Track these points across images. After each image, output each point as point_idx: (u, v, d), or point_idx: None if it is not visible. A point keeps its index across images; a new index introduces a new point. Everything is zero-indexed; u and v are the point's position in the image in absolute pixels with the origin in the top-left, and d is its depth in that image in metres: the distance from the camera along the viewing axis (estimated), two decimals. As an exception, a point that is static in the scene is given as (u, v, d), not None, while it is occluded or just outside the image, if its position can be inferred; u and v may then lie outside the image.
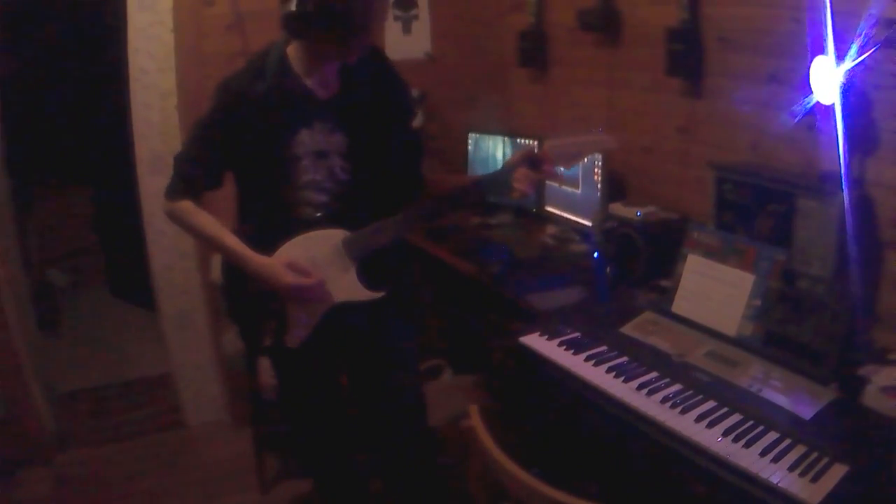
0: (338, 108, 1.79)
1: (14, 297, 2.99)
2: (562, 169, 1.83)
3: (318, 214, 1.81)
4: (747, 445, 1.46)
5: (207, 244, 1.87)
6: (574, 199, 2.76)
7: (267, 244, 1.77)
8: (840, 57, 1.72)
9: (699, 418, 1.57)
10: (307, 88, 1.76)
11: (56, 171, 4.67)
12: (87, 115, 4.41)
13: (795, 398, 1.60)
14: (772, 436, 1.49)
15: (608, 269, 2.27)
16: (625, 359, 1.85)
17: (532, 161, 1.77)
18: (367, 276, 1.82)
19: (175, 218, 1.83)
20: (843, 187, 1.75)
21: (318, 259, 1.78)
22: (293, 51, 1.75)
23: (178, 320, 3.13)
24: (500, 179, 1.79)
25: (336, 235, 1.80)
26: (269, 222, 1.80)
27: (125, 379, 3.67)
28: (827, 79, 1.74)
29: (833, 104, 1.76)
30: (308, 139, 1.77)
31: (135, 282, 3.94)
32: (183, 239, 2.97)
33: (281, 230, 1.78)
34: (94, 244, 4.84)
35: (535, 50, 3.15)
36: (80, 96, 4.45)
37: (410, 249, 2.28)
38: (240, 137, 1.74)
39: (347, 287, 1.81)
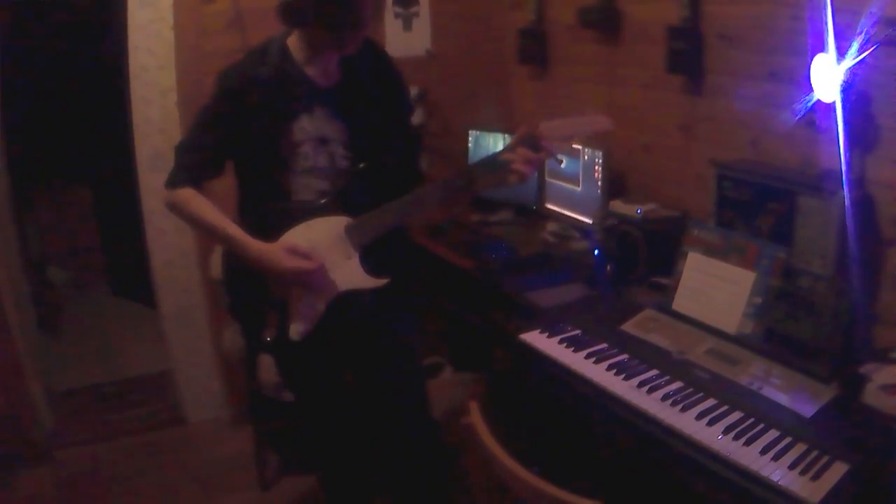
0: (338, 97, 1.80)
1: (14, 296, 2.99)
2: (563, 163, 1.82)
3: (321, 202, 1.81)
4: (747, 443, 1.46)
5: (207, 233, 1.87)
6: (574, 196, 2.76)
7: (269, 233, 1.77)
8: (841, 55, 1.72)
9: (699, 416, 1.57)
10: (308, 76, 1.77)
11: (56, 170, 4.66)
12: (87, 113, 4.40)
13: (796, 396, 1.60)
14: (772, 434, 1.49)
15: (608, 267, 2.27)
16: (625, 356, 1.85)
17: (530, 141, 1.76)
18: (370, 263, 1.82)
19: (175, 207, 1.83)
20: (844, 185, 1.75)
21: (321, 246, 1.78)
22: (293, 42, 1.77)
23: (179, 318, 3.13)
24: (499, 159, 1.77)
25: (339, 222, 1.80)
26: (270, 210, 1.81)
27: (125, 376, 3.67)
28: (827, 77, 1.74)
29: (834, 102, 1.76)
30: (309, 125, 1.78)
31: (135, 279, 3.94)
32: (183, 236, 2.97)
33: (283, 218, 1.79)
34: (95, 242, 4.83)
35: (535, 47, 3.15)
36: (80, 94, 4.44)
37: (411, 241, 2.27)
38: (241, 123, 1.75)
39: (351, 275, 1.81)
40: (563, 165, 2.64)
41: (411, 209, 1.82)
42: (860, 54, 1.69)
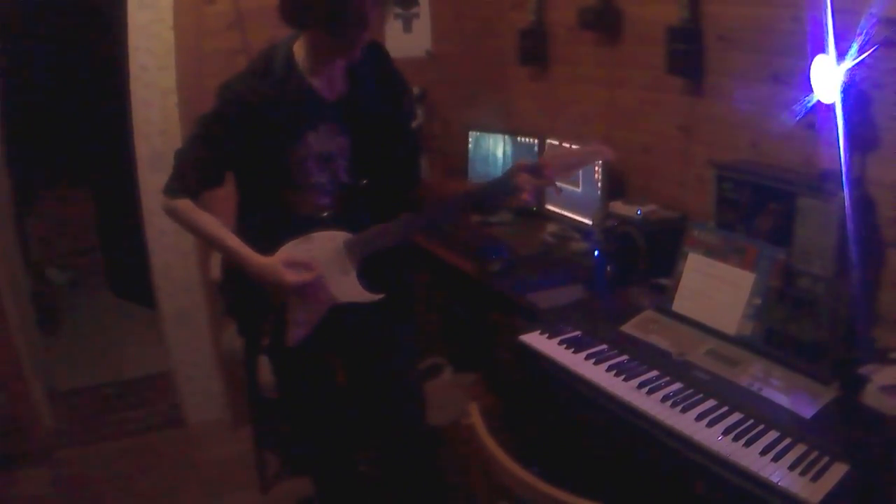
0: (344, 110, 1.77)
1: (14, 297, 2.99)
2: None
3: (322, 216, 1.81)
4: (747, 444, 1.46)
5: (207, 243, 1.87)
6: (574, 197, 2.76)
7: (268, 244, 1.76)
8: (841, 56, 1.72)
9: (699, 417, 1.57)
10: (313, 90, 1.74)
11: (56, 170, 4.67)
12: (87, 114, 4.40)
13: (796, 397, 1.60)
14: (772, 435, 1.49)
15: (608, 268, 2.27)
16: (625, 357, 1.85)
17: (532, 168, 1.77)
18: (368, 278, 1.82)
19: (174, 215, 1.82)
20: (844, 186, 1.74)
21: (319, 260, 1.78)
22: (299, 49, 1.73)
23: (178, 318, 3.13)
24: (502, 186, 1.79)
25: (338, 237, 1.79)
26: (270, 223, 1.80)
27: (125, 377, 3.67)
28: (827, 78, 1.74)
29: (833, 103, 1.76)
30: (314, 142, 1.76)
31: (135, 280, 3.94)
32: (183, 237, 2.97)
33: (282, 231, 1.78)
34: (94, 243, 4.83)
35: (535, 48, 3.15)
36: (80, 95, 4.44)
37: (411, 250, 2.27)
38: (244, 139, 1.72)
39: (348, 289, 1.81)
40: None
41: (412, 230, 1.83)
42: (860, 55, 1.69)
